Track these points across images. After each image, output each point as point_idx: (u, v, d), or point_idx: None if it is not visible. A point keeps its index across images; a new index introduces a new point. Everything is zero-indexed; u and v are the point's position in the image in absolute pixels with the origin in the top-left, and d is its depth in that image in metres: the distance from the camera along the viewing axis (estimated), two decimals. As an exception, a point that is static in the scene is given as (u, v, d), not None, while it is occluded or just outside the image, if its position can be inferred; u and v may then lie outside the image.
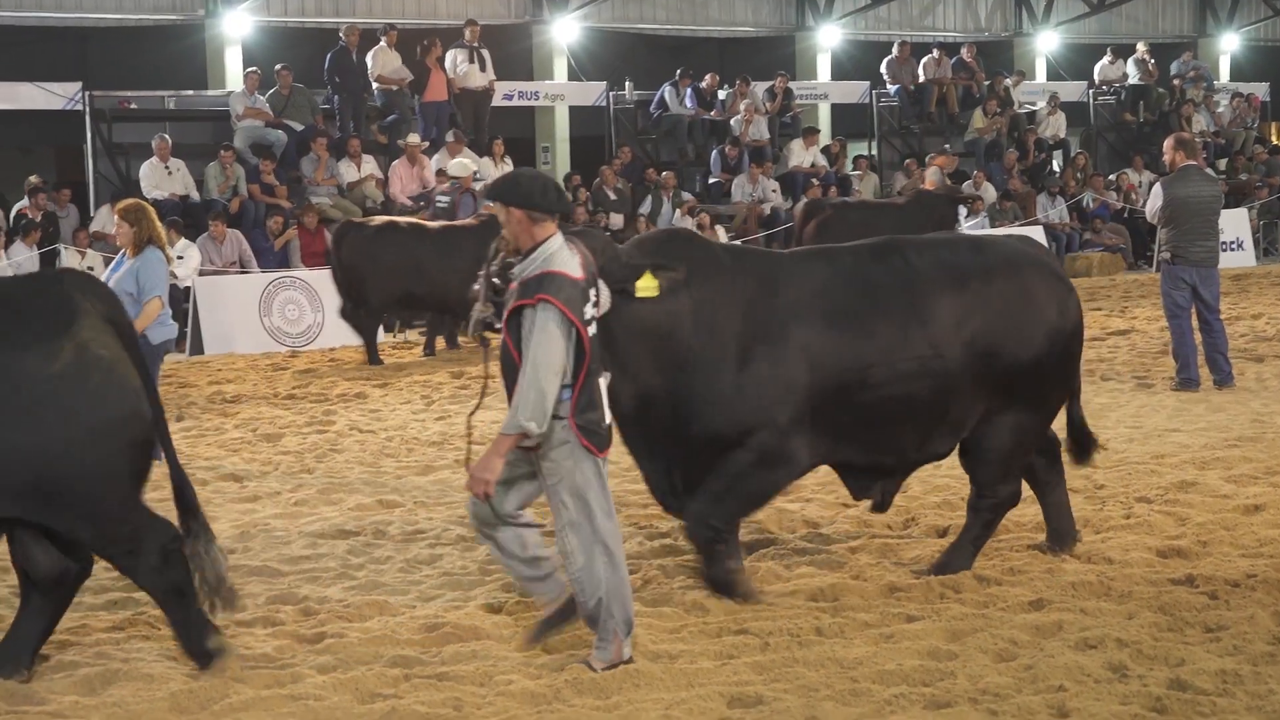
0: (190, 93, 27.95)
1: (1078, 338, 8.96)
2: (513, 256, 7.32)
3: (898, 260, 8.65)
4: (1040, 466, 9.27)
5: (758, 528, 9.94)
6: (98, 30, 28.99)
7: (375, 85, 26.86)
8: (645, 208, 26.77)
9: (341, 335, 20.83)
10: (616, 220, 26.73)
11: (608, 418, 7.37)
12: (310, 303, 21.69)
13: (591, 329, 7.24)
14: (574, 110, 31.04)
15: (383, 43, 26.80)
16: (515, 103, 30.06)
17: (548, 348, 7.05)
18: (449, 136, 26.33)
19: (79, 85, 25.47)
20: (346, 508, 11.31)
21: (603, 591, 7.34)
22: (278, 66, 26.26)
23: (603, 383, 7.36)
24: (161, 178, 24.08)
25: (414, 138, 25.90)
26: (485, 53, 27.52)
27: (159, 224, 12.99)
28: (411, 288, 19.73)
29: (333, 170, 25.39)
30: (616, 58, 32.88)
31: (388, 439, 14.32)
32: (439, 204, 23.81)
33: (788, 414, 8.28)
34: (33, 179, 23.75)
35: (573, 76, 31.54)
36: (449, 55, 27.20)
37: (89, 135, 25.54)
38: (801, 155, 30.15)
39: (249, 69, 26.66)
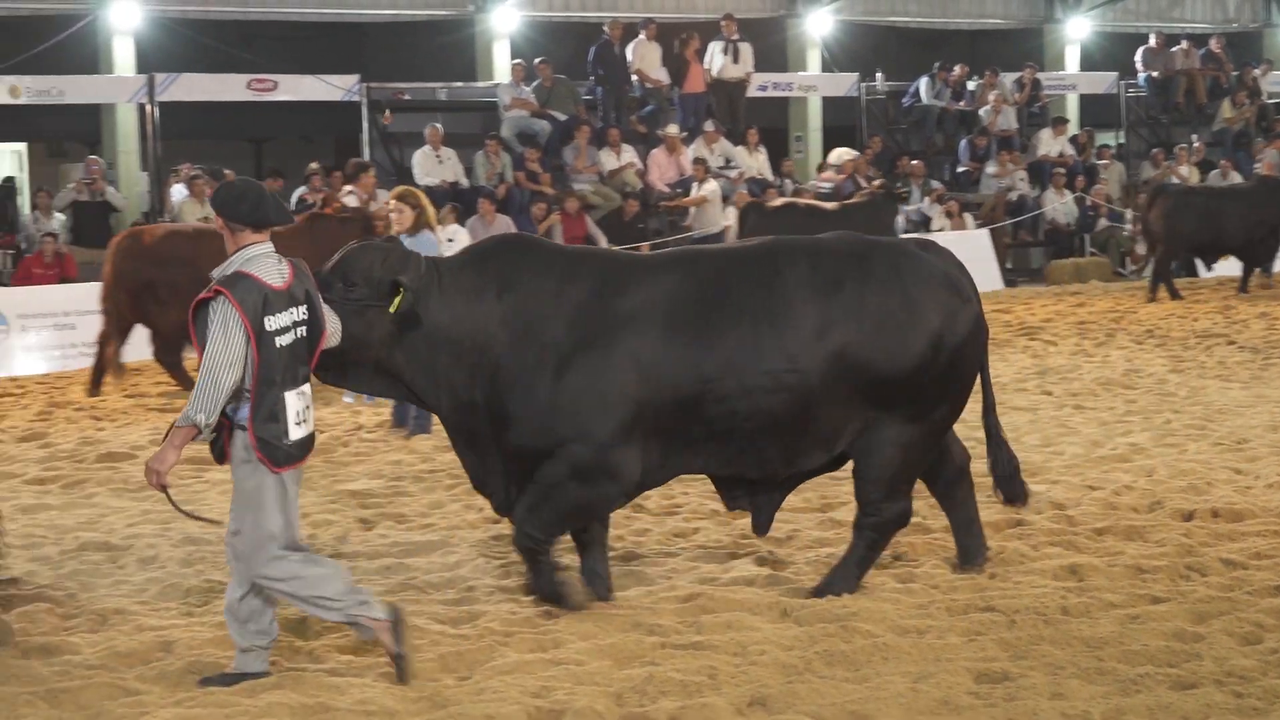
0: (460, 84, 28.69)
1: (970, 350, 8.36)
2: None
3: (766, 266, 8.18)
4: (944, 481, 8.79)
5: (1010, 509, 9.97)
6: (375, 25, 29.90)
7: (635, 77, 27.42)
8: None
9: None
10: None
11: (294, 434, 7.10)
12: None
13: (282, 340, 7.04)
14: (826, 101, 31.18)
15: (642, 36, 27.36)
16: (769, 94, 30.38)
17: (224, 343, 6.91)
18: (707, 126, 26.84)
19: (357, 78, 26.39)
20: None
21: (339, 607, 7.17)
22: (538, 60, 26.93)
23: (292, 398, 7.10)
24: (433, 165, 24.88)
25: (672, 128, 26.50)
26: (741, 45, 27.89)
27: (431, 208, 13.56)
28: None
29: (593, 159, 25.93)
30: (868, 50, 32.87)
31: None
32: (821, 190, 25.57)
33: (607, 427, 7.85)
34: (313, 165, 24.69)
35: (825, 68, 31.64)
36: (707, 48, 27.68)
37: (365, 125, 26.43)
38: (1050, 144, 30.17)
39: (515, 61, 27.36)
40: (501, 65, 28.50)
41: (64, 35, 25.86)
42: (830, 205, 24.04)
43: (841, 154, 27.77)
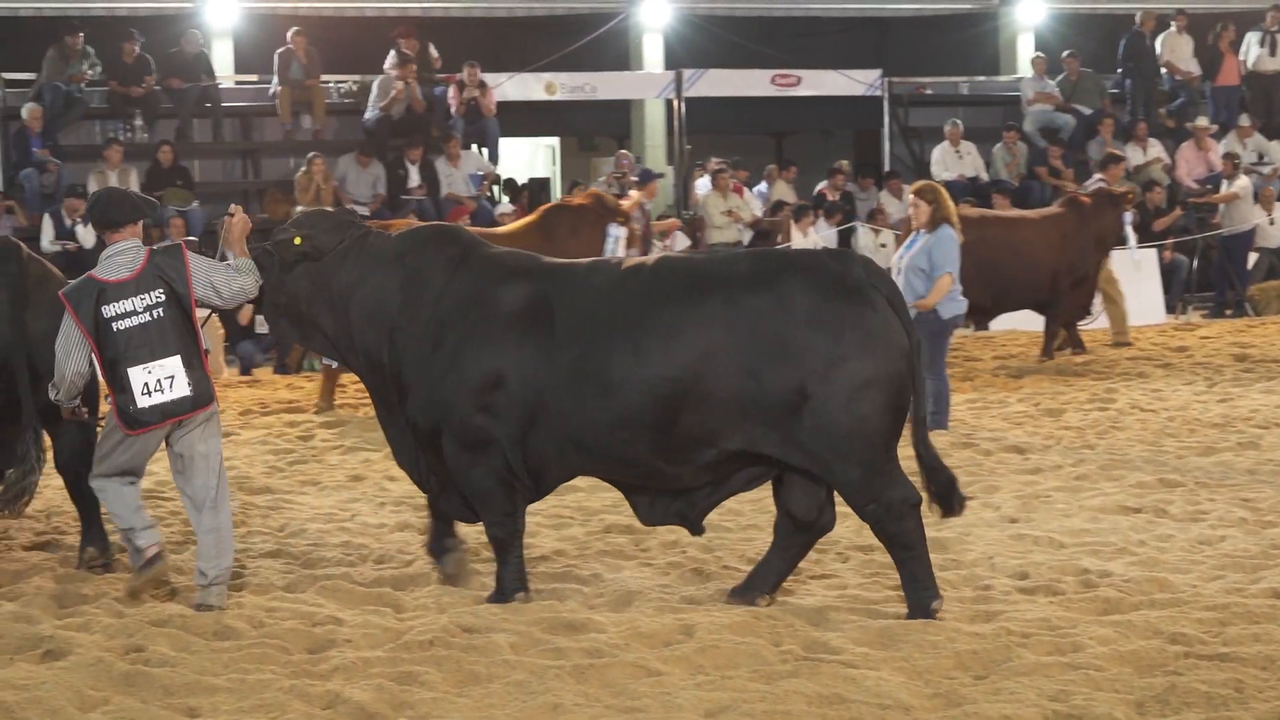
0: (983, 78, 28.48)
1: (869, 366, 7.92)
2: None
3: (656, 276, 8.18)
4: (790, 524, 8.36)
5: None
6: (897, 20, 29.94)
7: (1164, 70, 26.60)
8: None
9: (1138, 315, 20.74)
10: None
11: (141, 402, 8.26)
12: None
13: (123, 324, 8.25)
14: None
15: (1173, 28, 26.52)
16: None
17: (62, 337, 8.40)
18: (1241, 120, 25.83)
19: (879, 72, 26.50)
20: (1128, 484, 11.35)
21: (122, 523, 8.54)
22: (1064, 53, 26.46)
23: (138, 372, 8.24)
24: (952, 160, 24.80)
25: (1202, 121, 25.55)
26: (1280, 37, 26.73)
27: (950, 204, 13.50)
28: None
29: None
30: None
31: (1169, 419, 14.24)
32: None
33: (470, 402, 8.19)
34: (842, 163, 24.95)
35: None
36: (1243, 39, 26.63)
37: (886, 120, 26.51)
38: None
39: (1037, 54, 26.95)
40: (1025, 58, 28.12)
41: (597, 34, 26.82)
42: None
43: None
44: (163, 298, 8.31)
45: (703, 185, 24.21)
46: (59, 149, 22.75)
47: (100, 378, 8.58)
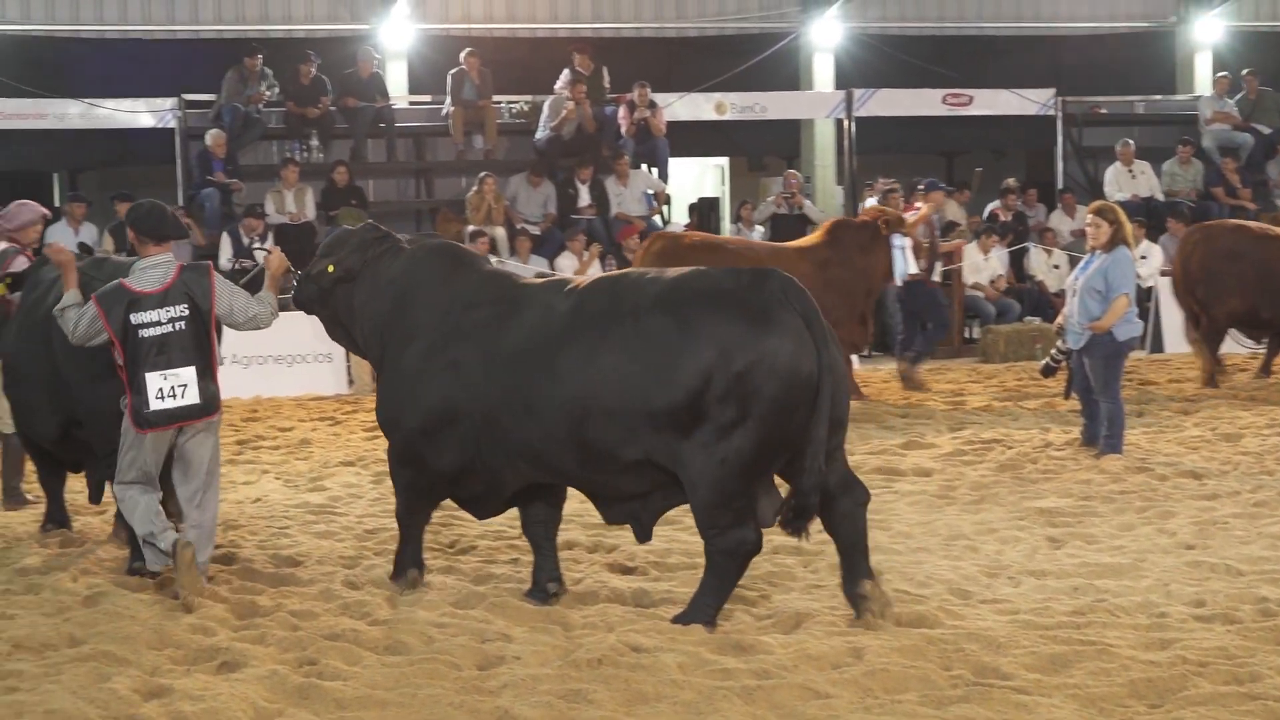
0: (1159, 97, 28.06)
1: (764, 383, 7.94)
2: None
3: (583, 298, 8.52)
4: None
5: None
6: (1071, 38, 29.57)
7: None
8: None
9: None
10: None
11: (154, 405, 8.97)
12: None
13: (148, 332, 8.98)
14: None
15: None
16: None
17: (84, 315, 9.11)
18: None
19: (1052, 91, 26.22)
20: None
21: (141, 529, 9.16)
22: (1245, 71, 25.99)
23: (154, 378, 8.96)
24: (1125, 180, 24.47)
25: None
26: None
27: (1128, 224, 13.33)
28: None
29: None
30: None
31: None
32: None
33: (415, 420, 8.80)
34: (1010, 181, 24.71)
35: None
36: None
37: (1059, 139, 26.22)
38: None
39: (1219, 73, 26.50)
40: (1201, 76, 27.67)
41: (767, 53, 26.83)
42: None
43: None
44: (186, 312, 9.07)
45: (872, 205, 24.07)
46: (237, 169, 23.20)
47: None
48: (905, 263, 17.28)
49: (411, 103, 25.85)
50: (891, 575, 9.43)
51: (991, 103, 26.42)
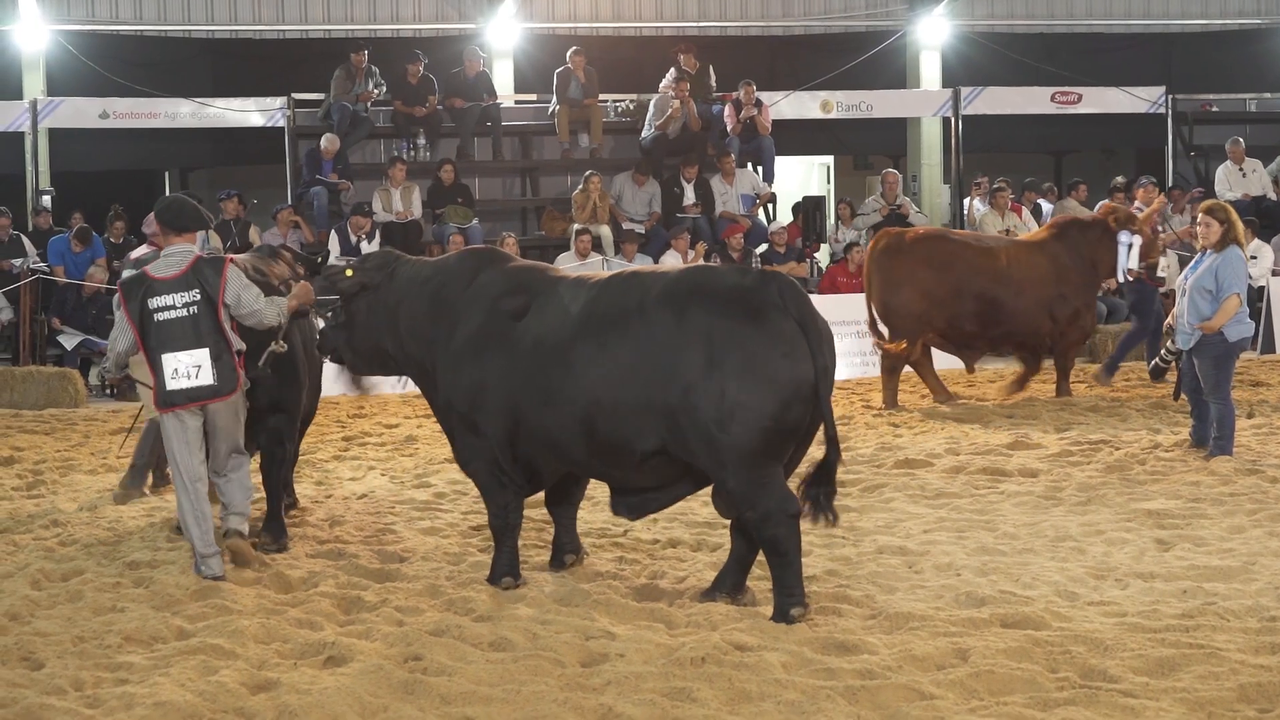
0: (1270, 95, 27.70)
1: (747, 384, 8.25)
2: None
3: (598, 293, 8.82)
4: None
5: None
6: (1181, 35, 29.24)
7: None
8: None
9: None
10: None
11: (170, 384, 9.48)
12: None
13: (163, 315, 9.50)
14: None
15: None
16: None
17: (118, 320, 9.82)
18: None
19: (1162, 89, 25.94)
20: None
21: (183, 518, 9.61)
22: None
23: (169, 358, 9.48)
24: (1236, 179, 24.19)
25: None
26: None
27: (1240, 224, 13.17)
28: None
29: None
30: None
31: None
32: None
33: (468, 403, 9.12)
34: (1118, 180, 24.45)
35: None
36: None
37: (1170, 137, 25.94)
38: None
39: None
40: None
41: (874, 51, 26.71)
42: None
43: None
44: (198, 298, 9.56)
45: (979, 205, 23.93)
46: (346, 168, 23.39)
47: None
48: (1128, 260, 17.29)
49: (517, 101, 25.95)
50: (997, 576, 9.37)
51: (1100, 100, 26.15)
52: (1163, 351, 13.94)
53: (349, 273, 9.79)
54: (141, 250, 12.02)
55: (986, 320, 16.96)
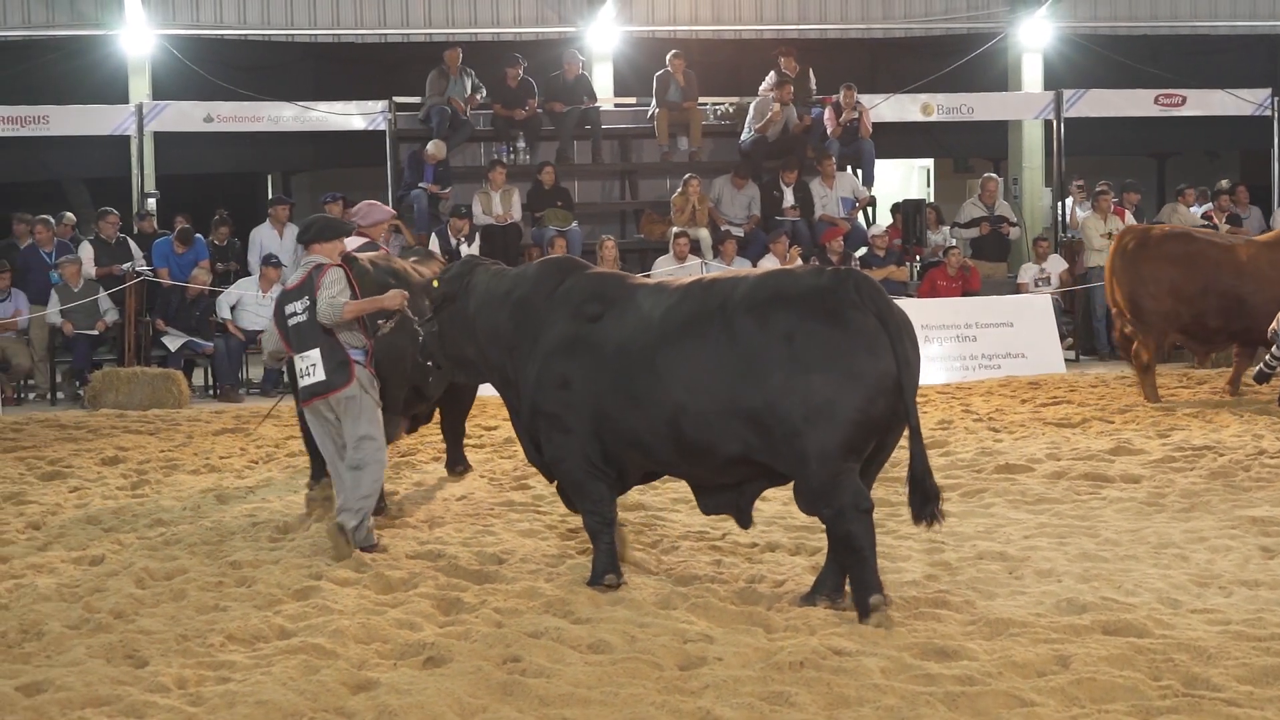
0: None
1: (830, 384, 8.34)
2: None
3: (680, 298, 8.94)
4: None
5: None
6: (1288, 36, 28.92)
7: None
8: None
9: None
10: None
11: (300, 382, 10.40)
12: None
13: (292, 320, 10.39)
14: None
15: None
16: None
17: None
18: None
19: (1268, 91, 25.62)
20: None
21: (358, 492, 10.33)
22: None
23: (297, 360, 10.40)
24: (1344, 183, 23.86)
25: None
26: None
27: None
28: None
29: None
30: None
31: None
32: None
33: (558, 405, 9.21)
34: (1223, 183, 24.19)
35: None
36: None
37: (1275, 140, 25.61)
38: None
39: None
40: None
41: (975, 54, 26.54)
42: None
43: None
44: (309, 303, 10.33)
45: (1082, 208, 23.72)
46: (446, 170, 23.50)
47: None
48: None
49: (617, 104, 26.00)
50: (1099, 583, 9.29)
51: (1205, 103, 25.87)
52: (1268, 357, 13.77)
53: (435, 284, 10.24)
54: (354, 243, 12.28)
55: (1230, 315, 16.94)
